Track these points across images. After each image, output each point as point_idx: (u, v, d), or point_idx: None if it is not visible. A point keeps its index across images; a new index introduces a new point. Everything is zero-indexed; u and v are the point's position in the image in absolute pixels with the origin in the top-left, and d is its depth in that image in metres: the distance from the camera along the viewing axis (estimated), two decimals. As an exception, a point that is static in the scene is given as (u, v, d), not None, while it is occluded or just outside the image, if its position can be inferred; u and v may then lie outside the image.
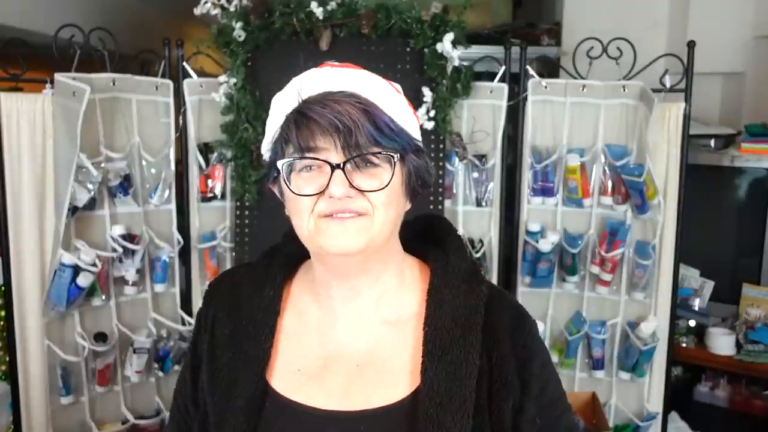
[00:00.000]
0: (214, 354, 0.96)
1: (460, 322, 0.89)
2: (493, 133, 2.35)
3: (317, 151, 0.82)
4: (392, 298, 0.93)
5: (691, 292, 2.79)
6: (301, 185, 0.84)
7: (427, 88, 2.20)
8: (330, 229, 0.84)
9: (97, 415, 2.31)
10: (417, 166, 0.89)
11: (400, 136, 0.85)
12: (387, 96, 0.87)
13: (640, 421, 2.38)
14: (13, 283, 2.15)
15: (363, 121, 0.81)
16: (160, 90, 2.32)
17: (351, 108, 0.81)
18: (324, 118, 0.81)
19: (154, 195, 2.34)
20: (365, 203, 0.83)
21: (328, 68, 0.88)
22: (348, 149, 0.81)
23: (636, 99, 2.26)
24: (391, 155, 0.84)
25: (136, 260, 2.28)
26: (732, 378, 2.77)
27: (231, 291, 1.00)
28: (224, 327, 0.97)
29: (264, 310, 0.95)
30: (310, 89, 0.86)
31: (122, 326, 2.30)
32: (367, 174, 0.83)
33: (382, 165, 0.84)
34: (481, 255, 2.40)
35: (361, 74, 0.88)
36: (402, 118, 0.88)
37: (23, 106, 2.10)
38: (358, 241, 0.84)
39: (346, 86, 0.85)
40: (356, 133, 0.80)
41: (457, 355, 0.86)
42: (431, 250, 0.97)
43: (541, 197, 2.38)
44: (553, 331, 2.45)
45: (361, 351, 0.91)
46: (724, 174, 2.81)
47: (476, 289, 0.92)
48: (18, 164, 2.12)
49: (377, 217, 0.84)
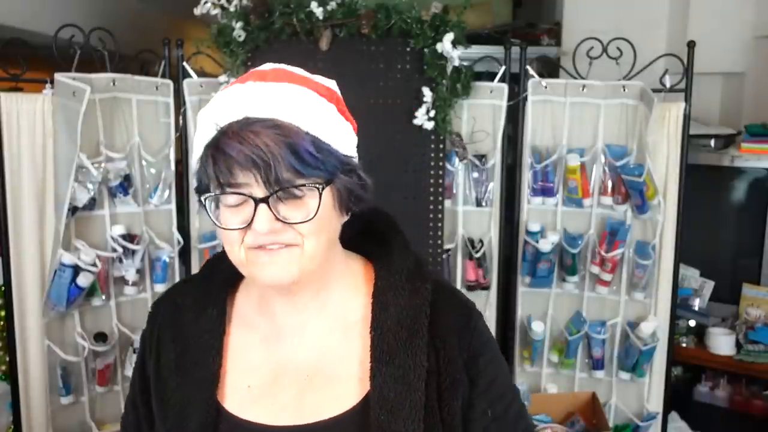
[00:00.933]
0: (160, 380, 0.93)
1: (406, 324, 0.87)
2: (493, 133, 2.35)
3: (239, 186, 0.79)
4: (337, 305, 0.91)
5: (691, 292, 2.79)
6: (227, 218, 0.81)
7: (427, 88, 2.20)
8: (260, 260, 0.82)
9: (97, 415, 2.31)
10: (348, 186, 0.85)
11: (326, 161, 0.80)
12: (313, 113, 0.82)
13: (640, 421, 2.38)
14: (13, 283, 2.15)
15: (283, 153, 0.76)
16: (160, 90, 2.32)
17: (270, 140, 0.76)
18: (241, 155, 0.76)
19: (154, 195, 2.34)
20: (293, 234, 0.80)
21: (250, 84, 0.82)
22: (269, 184, 0.77)
23: (636, 99, 2.26)
24: (316, 187, 0.80)
25: (136, 260, 2.28)
26: (732, 378, 2.77)
27: (173, 312, 0.97)
28: (169, 351, 0.94)
29: (209, 332, 0.93)
30: (230, 114, 0.80)
31: (122, 326, 2.30)
32: (293, 205, 0.80)
33: (309, 194, 0.80)
34: (481, 255, 2.40)
35: (285, 91, 0.82)
36: (331, 135, 0.83)
37: (23, 106, 2.10)
38: (289, 272, 0.82)
39: (268, 108, 0.80)
40: (276, 168, 0.76)
41: (405, 358, 0.85)
42: (375, 248, 0.96)
43: (541, 197, 2.38)
44: (553, 331, 2.45)
45: (310, 361, 0.90)
46: (724, 174, 2.80)
47: (420, 288, 0.90)
48: (18, 164, 2.12)
49: (307, 246, 0.81)
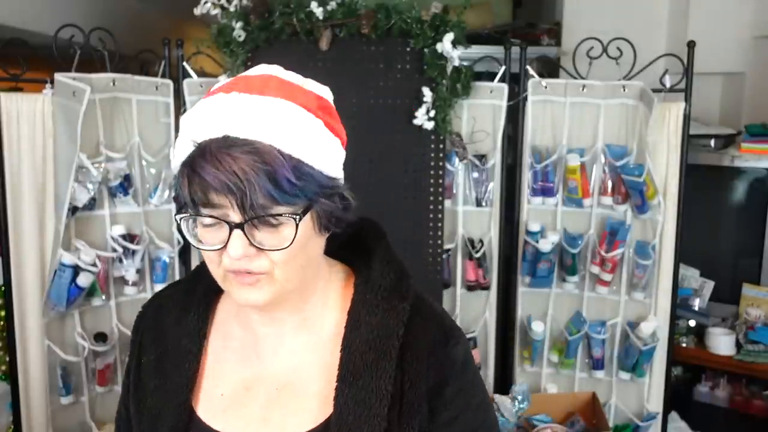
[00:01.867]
0: (140, 381, 0.94)
1: (375, 345, 0.84)
2: (493, 133, 2.35)
3: (214, 208, 0.76)
4: (315, 319, 0.90)
5: (691, 292, 2.79)
6: (205, 237, 0.80)
7: (427, 88, 2.20)
8: (235, 284, 0.81)
9: (97, 415, 2.31)
10: (328, 210, 0.81)
11: (306, 187, 0.77)
12: (298, 133, 0.78)
13: (640, 421, 2.38)
14: (13, 283, 2.15)
15: (261, 182, 0.73)
16: (160, 90, 2.32)
17: (247, 166, 0.73)
18: (216, 180, 0.73)
19: (154, 195, 2.34)
20: (265, 262, 0.79)
21: (234, 95, 0.78)
22: (245, 211, 0.75)
23: (636, 99, 2.26)
24: (293, 217, 0.77)
25: (136, 260, 2.28)
26: (732, 378, 2.77)
27: (156, 316, 0.98)
28: (150, 353, 0.95)
29: (188, 336, 0.92)
30: (209, 129, 0.76)
31: (122, 326, 2.30)
32: (269, 231, 0.77)
33: (285, 221, 0.77)
34: (481, 255, 2.40)
35: (269, 107, 0.77)
36: (315, 156, 0.79)
37: (23, 106, 2.10)
38: (263, 296, 0.81)
39: (249, 128, 0.75)
40: (251, 196, 0.73)
41: (369, 381, 0.83)
42: (358, 259, 0.93)
43: (541, 197, 2.38)
44: (553, 331, 2.45)
45: (282, 375, 0.88)
46: (724, 174, 2.80)
47: (397, 306, 0.87)
48: (18, 164, 2.12)
49: (278, 274, 0.80)
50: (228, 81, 0.82)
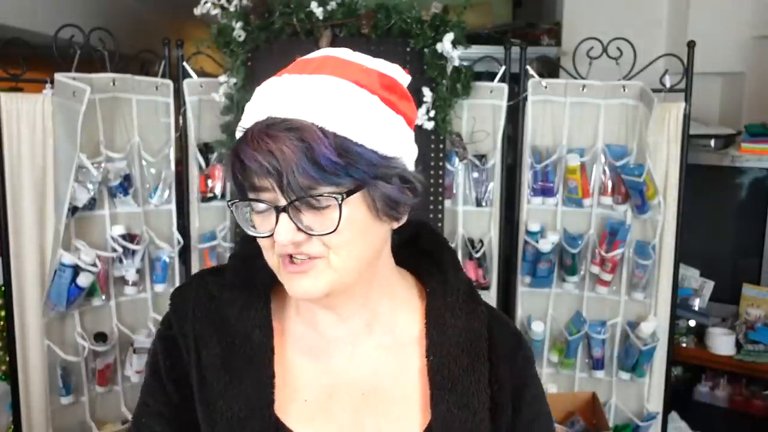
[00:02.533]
0: (204, 381, 0.83)
1: (467, 348, 0.83)
2: (493, 133, 2.35)
3: (261, 192, 0.73)
4: (386, 320, 0.85)
5: (691, 292, 2.79)
6: (258, 223, 0.76)
7: (427, 88, 2.20)
8: (288, 272, 0.76)
9: (97, 415, 2.31)
10: (387, 192, 0.75)
11: (353, 166, 0.72)
12: (345, 109, 0.73)
13: (640, 421, 2.38)
14: (13, 283, 2.15)
15: (299, 161, 0.69)
16: (160, 90, 2.32)
17: (286, 146, 0.70)
18: (255, 163, 0.71)
19: (154, 195, 2.34)
20: (318, 247, 0.74)
21: (286, 77, 0.76)
22: (286, 192, 0.71)
23: (636, 99, 2.26)
24: (334, 197, 0.71)
25: (136, 260, 2.28)
26: (732, 378, 2.77)
27: (209, 306, 0.86)
28: (212, 348, 0.83)
29: (260, 328, 0.84)
30: (255, 113, 0.75)
31: (122, 326, 2.30)
32: (316, 215, 0.73)
33: (330, 204, 0.72)
34: (481, 255, 2.40)
35: (317, 85, 0.74)
36: (366, 133, 0.73)
37: (23, 106, 2.10)
38: (316, 285, 0.75)
39: (291, 107, 0.73)
40: (289, 177, 0.70)
41: (468, 386, 0.81)
42: (422, 263, 0.89)
43: (541, 197, 2.38)
44: (553, 331, 2.45)
45: (363, 379, 0.83)
46: (724, 174, 2.81)
47: (477, 310, 0.86)
48: (18, 164, 2.12)
49: (334, 260, 0.74)
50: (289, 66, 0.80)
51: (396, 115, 0.78)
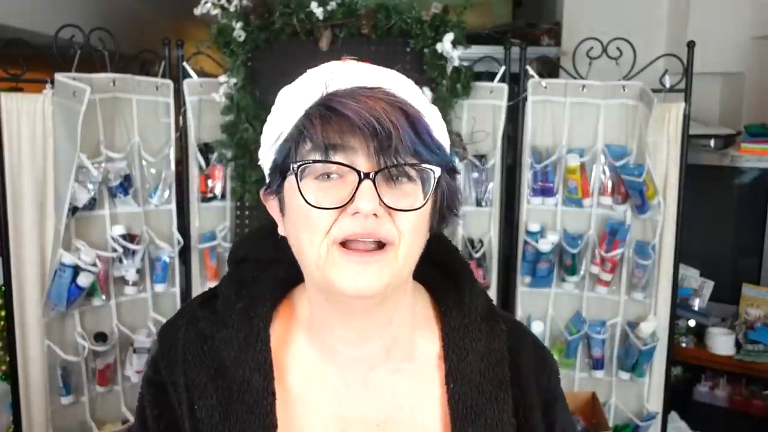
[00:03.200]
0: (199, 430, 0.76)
1: (489, 375, 0.77)
2: (492, 133, 2.35)
3: (344, 153, 0.66)
4: (405, 343, 0.78)
5: (690, 292, 2.79)
6: (317, 197, 0.67)
7: (427, 88, 2.20)
8: (346, 263, 0.68)
9: (98, 415, 2.31)
10: (451, 188, 0.74)
11: (440, 149, 0.71)
12: (424, 102, 0.72)
13: (640, 420, 2.38)
14: (14, 283, 2.15)
15: (403, 124, 0.66)
16: (160, 90, 2.32)
17: (389, 107, 0.66)
18: (358, 115, 0.65)
19: (154, 195, 2.34)
20: (392, 229, 0.68)
21: (353, 62, 0.73)
22: (382, 156, 0.65)
23: (636, 99, 2.26)
24: (431, 170, 0.68)
25: (136, 260, 2.28)
26: (731, 378, 2.77)
27: (202, 347, 0.78)
28: (207, 396, 0.76)
29: (258, 370, 0.75)
30: (337, 82, 0.70)
31: (122, 326, 2.31)
32: (400, 191, 0.68)
33: (417, 181, 0.69)
34: (480, 255, 2.40)
35: (394, 74, 0.73)
36: (438, 130, 0.73)
37: (23, 106, 2.10)
38: (380, 280, 0.68)
39: (380, 83, 0.70)
40: (395, 137, 0.65)
41: (492, 416, 0.75)
42: (434, 275, 0.83)
43: (540, 197, 2.38)
44: (553, 331, 2.45)
45: (379, 408, 0.77)
46: (724, 174, 2.81)
47: (496, 328, 0.80)
48: (18, 164, 2.12)
49: (403, 247, 0.69)
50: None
51: (444, 125, 0.78)
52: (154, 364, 0.80)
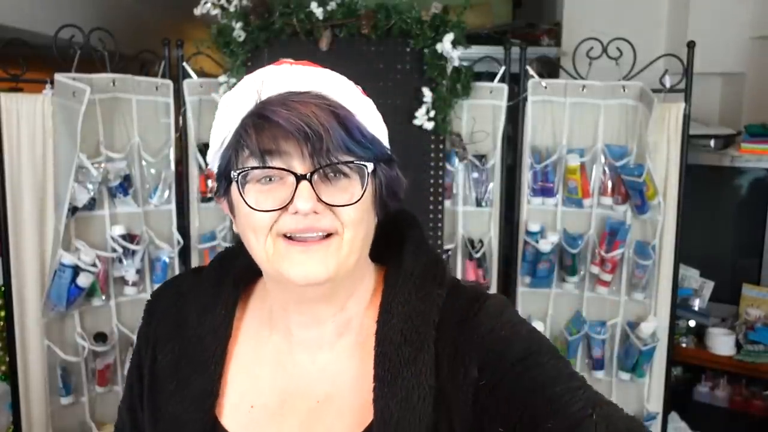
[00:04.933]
0: (155, 384, 0.84)
1: (410, 336, 0.76)
2: (492, 133, 2.35)
3: (280, 158, 0.71)
4: (354, 320, 0.81)
5: (691, 293, 2.79)
6: (259, 199, 0.72)
7: (427, 88, 2.20)
8: (292, 254, 0.72)
9: (97, 415, 2.31)
10: (388, 178, 0.78)
11: (373, 143, 0.75)
12: (356, 99, 0.77)
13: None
14: (13, 284, 2.15)
15: (333, 125, 0.70)
16: (160, 90, 2.32)
17: (319, 110, 0.70)
18: (289, 122, 0.69)
19: (154, 195, 2.34)
20: (334, 221, 0.72)
21: (287, 66, 0.76)
22: (316, 157, 0.70)
23: (636, 99, 2.26)
24: (364, 165, 0.73)
25: (136, 260, 2.28)
26: (732, 378, 2.77)
27: (176, 303, 0.87)
28: (167, 350, 0.84)
29: (214, 333, 0.82)
30: (270, 89, 0.74)
31: (122, 326, 2.30)
32: (337, 187, 0.72)
33: (353, 176, 0.73)
34: (480, 255, 2.40)
35: (326, 73, 0.77)
36: (372, 124, 0.77)
37: (23, 106, 2.10)
38: (326, 267, 0.73)
39: (311, 86, 0.74)
40: (326, 139, 0.69)
41: (409, 378, 0.74)
42: (386, 252, 0.85)
43: (541, 197, 2.38)
44: (553, 331, 2.45)
45: (322, 385, 0.80)
46: (724, 174, 2.81)
47: (432, 293, 0.79)
48: (18, 164, 2.12)
49: (347, 236, 0.73)
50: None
51: (380, 117, 0.81)
52: (144, 315, 0.90)
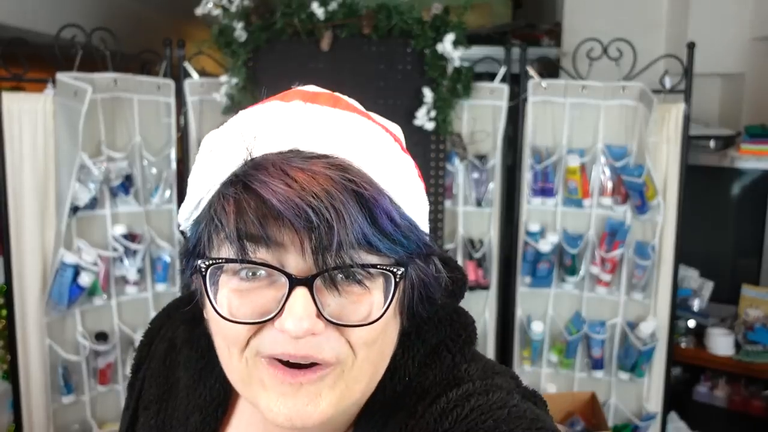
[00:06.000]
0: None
1: None
2: (493, 133, 2.35)
3: (268, 250, 0.50)
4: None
5: (690, 293, 2.79)
6: (235, 303, 0.52)
7: (427, 88, 2.21)
8: (275, 386, 0.52)
9: (98, 414, 2.32)
10: (424, 278, 0.57)
11: (409, 234, 0.53)
12: (391, 164, 0.54)
13: (639, 420, 2.38)
14: (15, 283, 2.16)
15: (352, 210, 0.49)
16: (161, 90, 2.32)
17: (333, 186, 0.49)
18: (286, 203, 0.48)
19: (155, 195, 2.35)
20: (340, 346, 0.52)
21: (298, 104, 0.55)
22: (321, 255, 0.49)
23: (636, 100, 2.27)
24: (392, 270, 0.52)
25: (137, 260, 2.29)
26: (731, 378, 2.77)
27: (165, 360, 0.70)
28: (150, 416, 0.68)
29: (201, 412, 0.65)
30: (267, 142, 0.52)
31: (123, 325, 2.31)
32: (349, 295, 0.51)
33: (374, 281, 0.52)
34: (481, 255, 2.41)
35: (353, 122, 0.54)
36: (410, 201, 0.55)
37: (25, 105, 2.11)
38: (318, 406, 0.52)
39: (328, 143, 0.52)
40: (339, 232, 0.48)
41: None
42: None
43: (540, 198, 2.39)
44: (552, 331, 2.45)
45: None
46: (724, 175, 2.81)
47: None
48: (20, 163, 2.13)
49: (356, 366, 0.53)
50: (279, 94, 0.58)
51: (420, 182, 0.59)
52: (134, 359, 0.77)
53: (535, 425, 0.54)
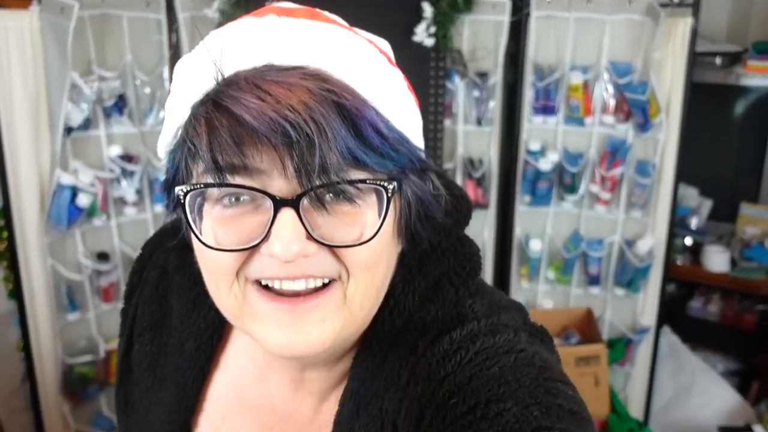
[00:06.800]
0: (130, 374, 0.71)
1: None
2: (494, 50, 2.29)
3: (250, 174, 0.47)
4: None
5: (689, 211, 2.80)
6: (219, 231, 0.50)
7: (427, 2, 2.13)
8: (270, 311, 0.50)
9: (104, 330, 2.37)
10: (420, 195, 0.54)
11: (399, 147, 0.51)
12: (376, 75, 0.51)
13: (633, 334, 2.45)
14: (13, 205, 2.15)
15: (335, 124, 0.46)
16: (150, 6, 2.24)
17: (312, 98, 0.46)
18: (261, 118, 0.45)
19: (149, 115, 2.31)
20: (334, 265, 0.50)
21: (272, 17, 0.51)
22: (306, 174, 0.46)
23: (642, 14, 2.19)
24: (383, 185, 0.49)
25: (134, 181, 2.28)
26: (725, 294, 2.82)
27: (158, 287, 0.70)
28: (144, 343, 0.68)
29: (195, 339, 0.65)
30: (239, 58, 0.49)
31: (124, 245, 2.33)
32: (339, 215, 0.49)
33: (365, 199, 0.50)
34: (480, 175, 2.40)
35: (332, 34, 0.51)
36: (399, 113, 0.52)
37: (10, 23, 2.04)
38: (322, 334, 0.51)
39: (305, 55, 0.49)
40: (322, 147, 0.45)
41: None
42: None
43: (542, 116, 2.35)
44: (551, 249, 2.48)
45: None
46: (729, 93, 2.76)
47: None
48: (9, 83, 2.07)
49: (354, 286, 0.51)
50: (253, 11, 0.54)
51: (411, 96, 0.56)
52: (126, 287, 0.75)
53: (543, 374, 0.52)
